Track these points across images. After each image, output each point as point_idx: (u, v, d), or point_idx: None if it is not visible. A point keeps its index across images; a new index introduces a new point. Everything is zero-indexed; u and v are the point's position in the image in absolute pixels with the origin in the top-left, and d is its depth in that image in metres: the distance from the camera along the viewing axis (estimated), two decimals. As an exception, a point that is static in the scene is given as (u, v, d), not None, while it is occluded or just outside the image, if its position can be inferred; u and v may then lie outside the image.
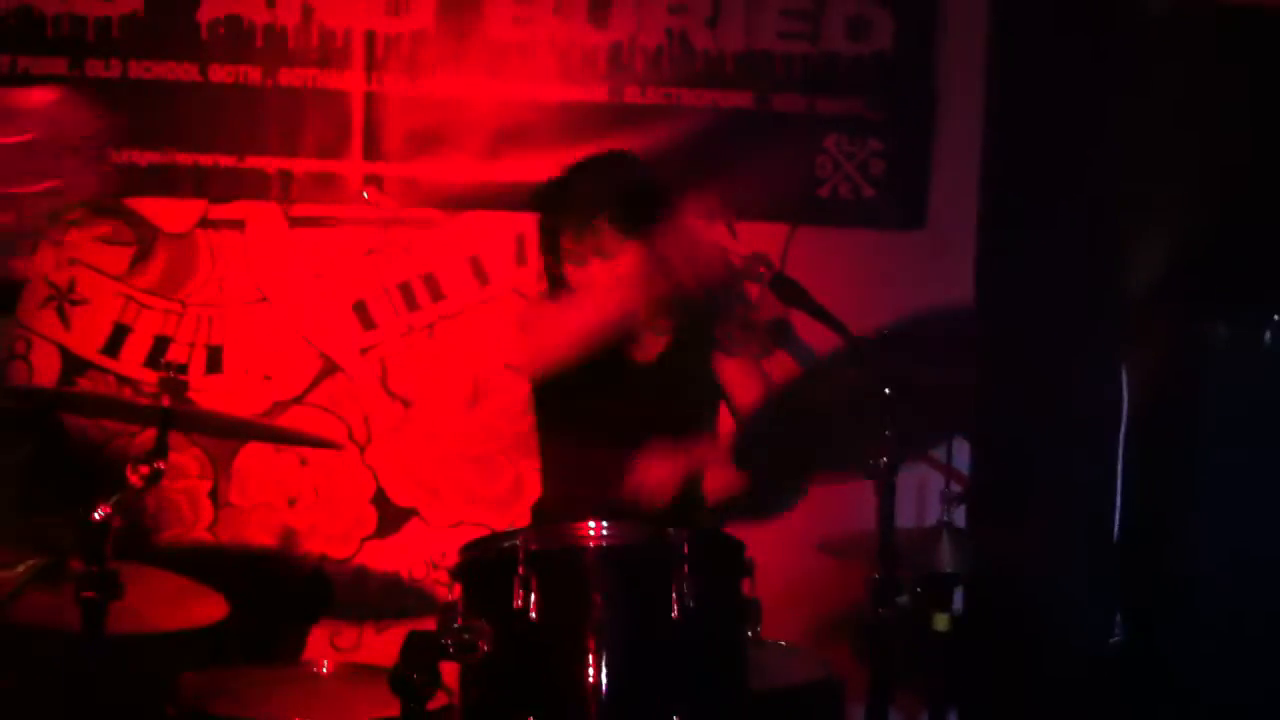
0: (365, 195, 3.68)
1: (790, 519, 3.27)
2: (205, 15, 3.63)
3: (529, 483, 3.55)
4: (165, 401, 2.47)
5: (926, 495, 3.07)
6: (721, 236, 2.95)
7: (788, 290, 3.18)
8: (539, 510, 3.07)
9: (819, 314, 3.17)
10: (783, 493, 3.29)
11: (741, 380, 3.10)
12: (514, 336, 3.28)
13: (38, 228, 1.31)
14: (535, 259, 3.68)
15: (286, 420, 3.60)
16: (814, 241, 3.73)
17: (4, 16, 3.57)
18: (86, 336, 3.60)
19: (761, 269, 3.16)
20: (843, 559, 2.99)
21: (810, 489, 3.31)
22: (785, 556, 3.23)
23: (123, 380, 3.61)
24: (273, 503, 3.59)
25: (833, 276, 3.48)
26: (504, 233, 3.72)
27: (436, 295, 3.71)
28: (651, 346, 3.03)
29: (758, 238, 3.57)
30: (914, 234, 3.84)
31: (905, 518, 2.67)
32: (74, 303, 3.61)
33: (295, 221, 3.68)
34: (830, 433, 2.66)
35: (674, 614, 2.23)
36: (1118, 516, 3.03)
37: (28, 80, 3.53)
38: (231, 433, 3.40)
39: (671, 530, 2.30)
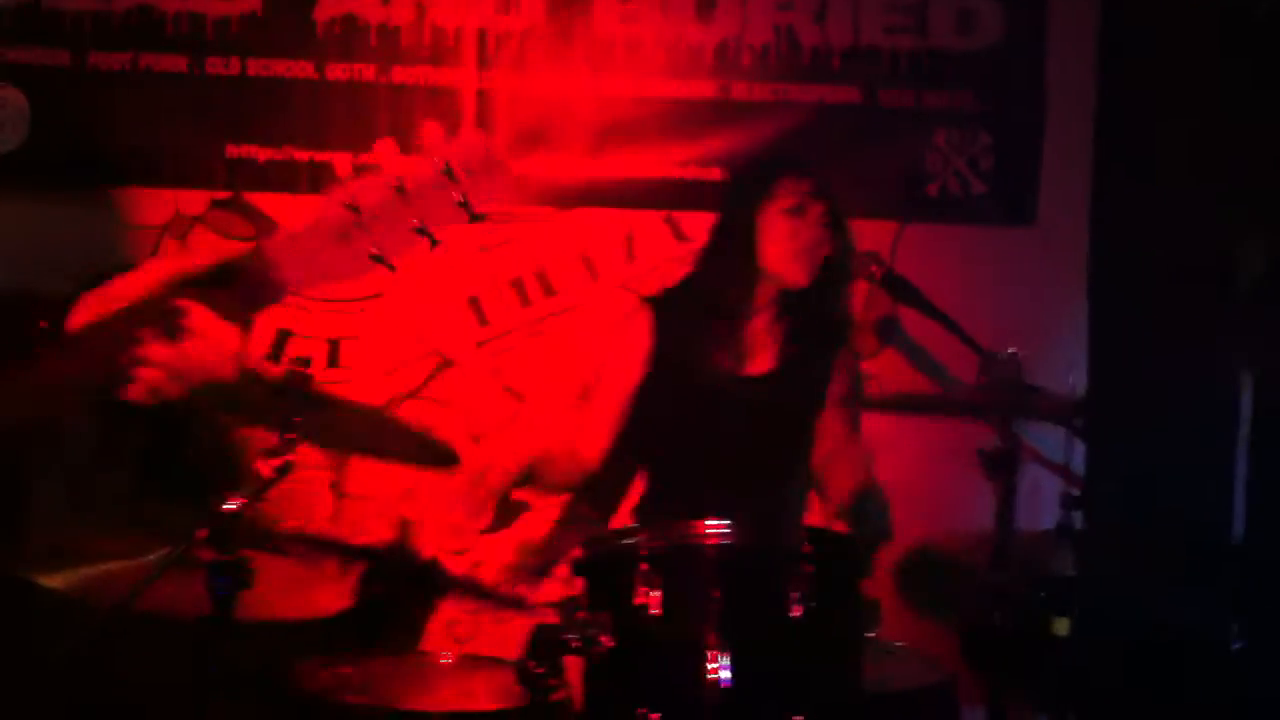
0: (478, 192, 3.71)
1: (901, 516, 3.26)
2: (322, 14, 3.69)
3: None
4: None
5: (1042, 497, 3.05)
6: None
7: (900, 288, 3.18)
8: (643, 508, 3.08)
9: (931, 312, 3.17)
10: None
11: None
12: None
13: None
14: (645, 254, 3.74)
15: (403, 414, 3.63)
16: (923, 238, 3.71)
17: (125, 14, 3.66)
18: (207, 328, 3.68)
19: (873, 267, 3.17)
20: (956, 560, 2.98)
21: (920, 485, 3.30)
22: (897, 556, 3.24)
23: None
24: (389, 494, 3.64)
25: (942, 274, 3.47)
26: (614, 229, 3.75)
27: (548, 291, 3.75)
28: (763, 357, 3.03)
29: (866, 235, 3.58)
30: (1024, 230, 3.80)
31: (1021, 520, 2.66)
32: (195, 296, 3.69)
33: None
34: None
35: (793, 613, 2.24)
36: (1237, 519, 2.99)
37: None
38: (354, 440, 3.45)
39: (791, 530, 2.31)
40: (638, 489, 3.15)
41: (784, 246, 2.96)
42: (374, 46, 3.70)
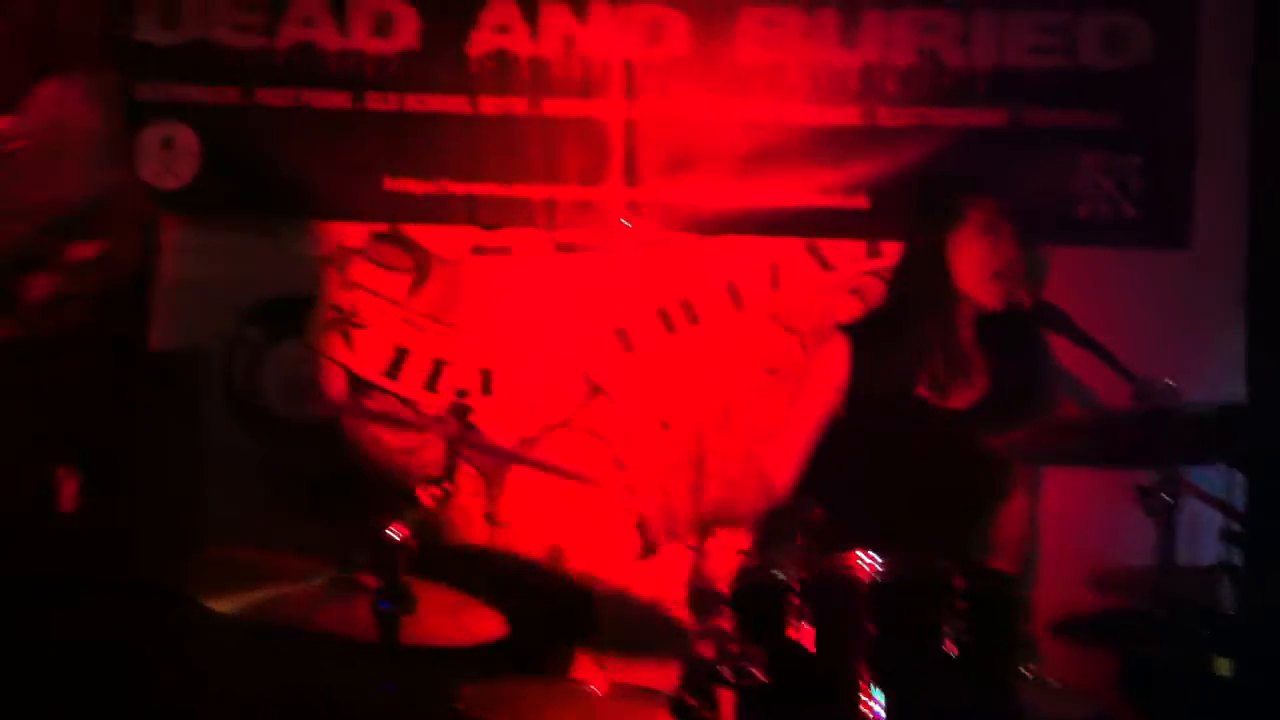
0: (624, 221, 3.78)
1: (1060, 551, 3.24)
2: (475, 49, 3.78)
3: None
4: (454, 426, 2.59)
5: (1202, 532, 3.00)
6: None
7: (1052, 317, 3.15)
8: (819, 541, 3.09)
9: (1082, 340, 3.13)
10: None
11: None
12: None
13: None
14: (790, 282, 3.75)
15: (554, 443, 3.72)
16: (1072, 263, 3.66)
17: (289, 52, 3.80)
18: (369, 359, 3.79)
19: (1024, 295, 3.14)
20: (1116, 596, 2.94)
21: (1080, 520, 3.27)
22: (1055, 591, 3.20)
23: (404, 402, 3.79)
24: (542, 521, 3.71)
25: (1092, 300, 3.42)
26: (758, 256, 3.76)
27: (693, 319, 3.79)
28: (967, 388, 3.01)
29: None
30: (1177, 254, 3.71)
31: (1181, 556, 2.62)
32: (356, 326, 3.81)
33: (561, 247, 3.80)
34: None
35: (948, 648, 2.25)
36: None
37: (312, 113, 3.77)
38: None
39: (945, 564, 2.32)
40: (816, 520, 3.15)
41: (979, 268, 2.96)
42: (525, 80, 3.78)
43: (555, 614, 3.51)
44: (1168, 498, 2.47)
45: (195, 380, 3.69)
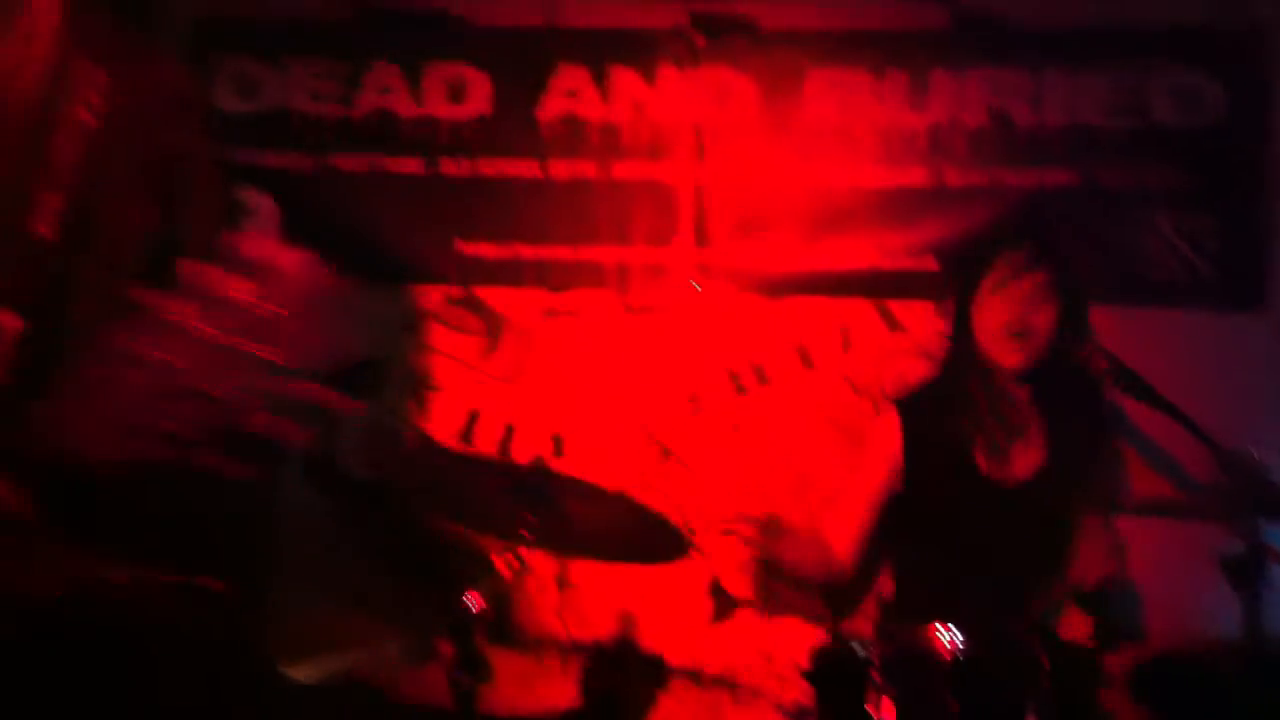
0: (694, 284, 3.79)
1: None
2: (546, 114, 3.83)
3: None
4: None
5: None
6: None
7: (1130, 382, 3.10)
8: (887, 613, 3.07)
9: (1159, 404, 3.09)
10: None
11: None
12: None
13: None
14: (860, 344, 3.74)
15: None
16: (1146, 325, 3.62)
17: (364, 119, 3.86)
18: (443, 421, 3.82)
19: (1101, 360, 3.10)
20: (1200, 669, 2.89)
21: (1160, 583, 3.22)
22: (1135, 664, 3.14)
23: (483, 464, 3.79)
24: (614, 587, 3.70)
25: (1168, 363, 3.38)
26: (828, 318, 3.77)
27: (763, 380, 3.78)
28: (1023, 457, 2.98)
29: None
30: (1253, 315, 3.68)
31: (1270, 626, 2.57)
32: (431, 389, 3.84)
33: (631, 310, 3.81)
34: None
35: (1031, 725, 2.22)
36: None
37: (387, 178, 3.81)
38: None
39: (1027, 638, 2.29)
40: (882, 590, 3.14)
41: (991, 326, 2.91)
42: (595, 144, 3.82)
43: (627, 683, 3.50)
44: (1253, 569, 2.43)
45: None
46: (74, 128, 1.31)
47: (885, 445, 3.02)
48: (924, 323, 3.70)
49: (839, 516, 3.03)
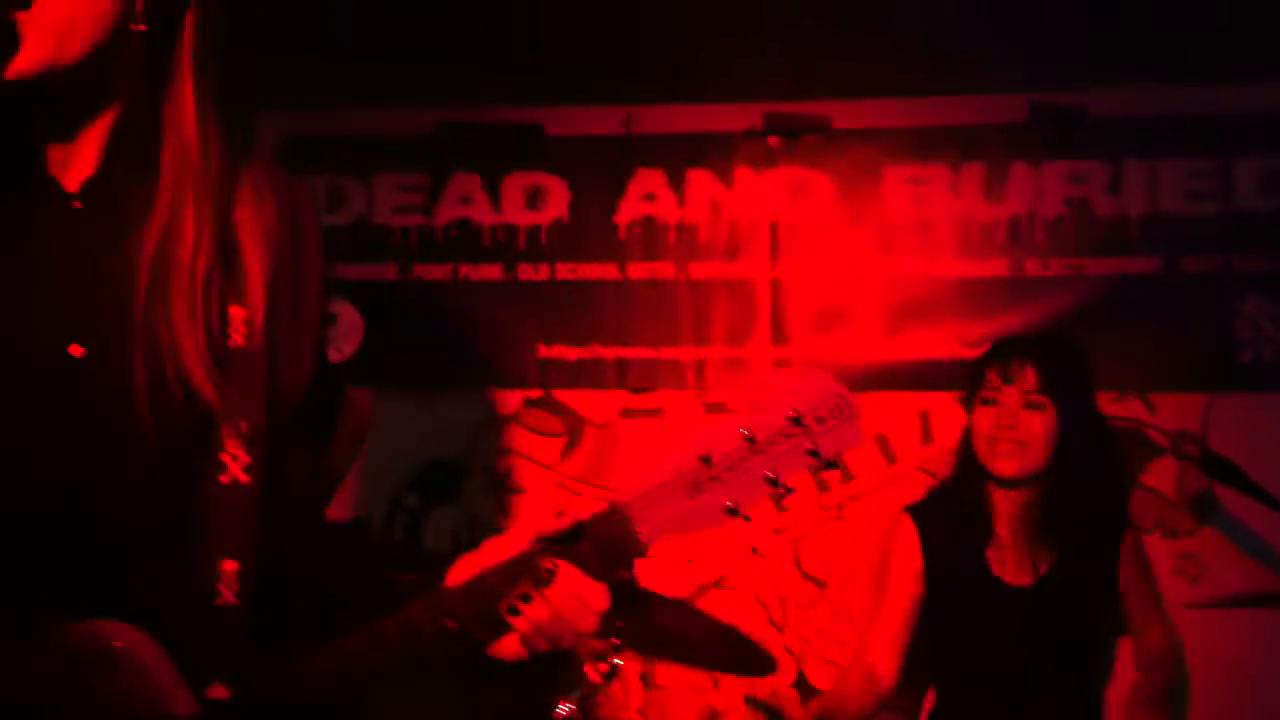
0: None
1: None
2: (623, 218, 3.90)
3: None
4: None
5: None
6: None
7: (1219, 468, 3.05)
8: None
9: (1253, 490, 3.03)
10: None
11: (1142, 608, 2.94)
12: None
13: None
14: (942, 436, 3.71)
15: (709, 603, 3.68)
16: (1237, 410, 3.55)
17: (446, 228, 3.95)
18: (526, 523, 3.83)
19: (1189, 447, 3.04)
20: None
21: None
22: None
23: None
24: (697, 683, 3.67)
25: (1261, 447, 3.31)
26: (909, 411, 3.75)
27: (845, 476, 3.76)
28: (1029, 562, 2.92)
29: (1176, 410, 3.46)
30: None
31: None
32: (512, 490, 3.88)
33: (710, 408, 3.83)
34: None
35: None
36: None
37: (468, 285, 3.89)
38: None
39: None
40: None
41: (981, 435, 2.88)
42: (672, 244, 3.87)
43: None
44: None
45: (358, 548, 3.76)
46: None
47: (906, 555, 2.97)
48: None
49: (877, 634, 2.97)
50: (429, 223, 3.95)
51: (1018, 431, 2.82)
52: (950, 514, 2.96)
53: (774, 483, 1.36)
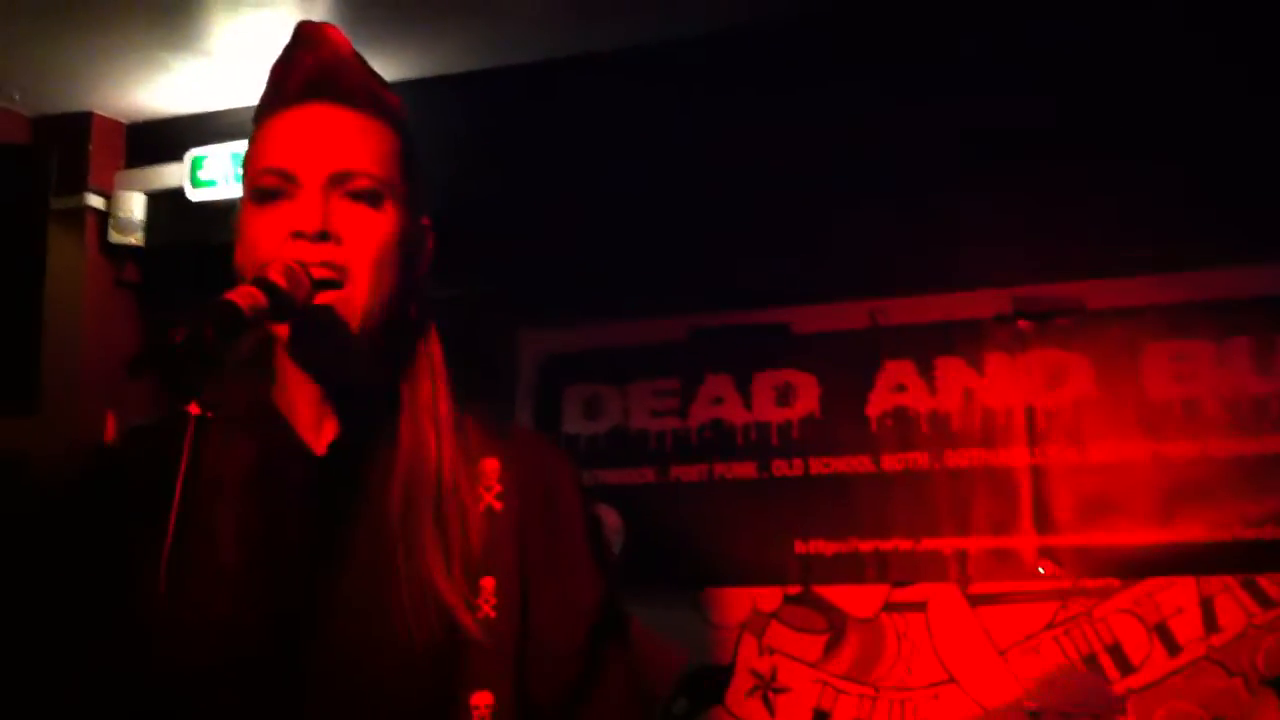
0: (1041, 570, 3.68)
1: None
2: (874, 410, 3.90)
3: None
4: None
5: None
6: None
7: None
8: None
9: None
10: None
11: None
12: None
13: None
14: (1228, 624, 3.51)
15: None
16: None
17: (700, 429, 4.04)
18: (789, 723, 3.79)
19: None
20: None
21: None
22: None
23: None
24: None
25: None
26: (1188, 597, 3.56)
27: (1126, 668, 3.58)
28: None
29: None
30: None
31: None
32: (777, 690, 3.83)
33: (975, 600, 3.73)
34: None
35: None
36: None
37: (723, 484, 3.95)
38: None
39: None
40: None
41: None
42: (926, 434, 3.84)
43: None
44: None
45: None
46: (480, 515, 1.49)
47: None
48: (1301, 595, 3.45)
49: None
50: (684, 424, 4.04)
51: None
52: None
53: None
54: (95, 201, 4.55)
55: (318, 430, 1.49)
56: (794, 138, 3.92)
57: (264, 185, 1.48)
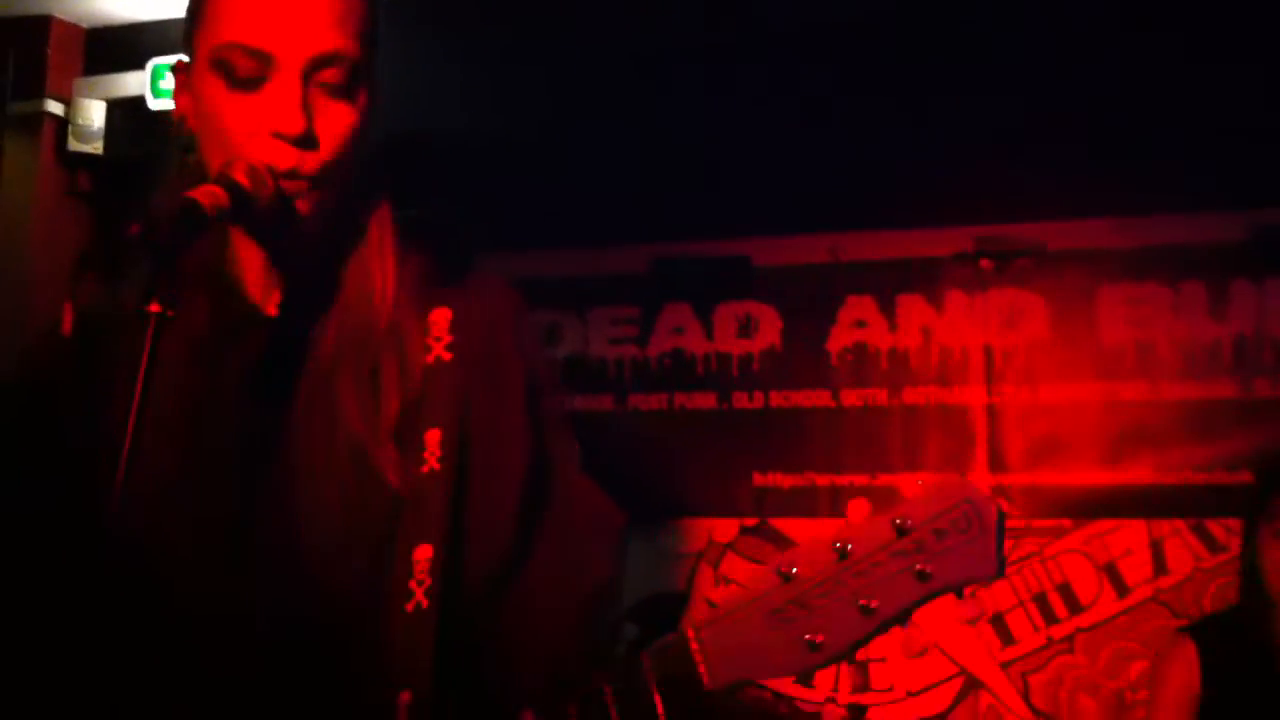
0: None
1: None
2: (834, 345, 3.91)
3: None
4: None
5: None
6: None
7: None
8: None
9: None
10: None
11: None
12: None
13: None
14: (1176, 565, 3.57)
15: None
16: None
17: (660, 358, 4.03)
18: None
19: None
20: None
21: None
22: None
23: (779, 697, 3.79)
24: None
25: None
26: (1138, 539, 3.62)
27: (1074, 607, 3.65)
28: None
29: None
30: None
31: None
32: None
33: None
34: None
35: None
36: None
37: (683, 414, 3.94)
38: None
39: None
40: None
41: (1274, 569, 2.74)
42: (884, 370, 3.86)
43: None
44: None
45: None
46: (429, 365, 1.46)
47: (1185, 677, 2.84)
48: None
49: None
50: (643, 353, 4.03)
51: None
52: (1235, 641, 2.83)
53: (867, 611, 1.09)
54: (54, 108, 4.41)
55: (267, 293, 1.47)
56: (755, 70, 3.88)
57: (235, 64, 1.39)
